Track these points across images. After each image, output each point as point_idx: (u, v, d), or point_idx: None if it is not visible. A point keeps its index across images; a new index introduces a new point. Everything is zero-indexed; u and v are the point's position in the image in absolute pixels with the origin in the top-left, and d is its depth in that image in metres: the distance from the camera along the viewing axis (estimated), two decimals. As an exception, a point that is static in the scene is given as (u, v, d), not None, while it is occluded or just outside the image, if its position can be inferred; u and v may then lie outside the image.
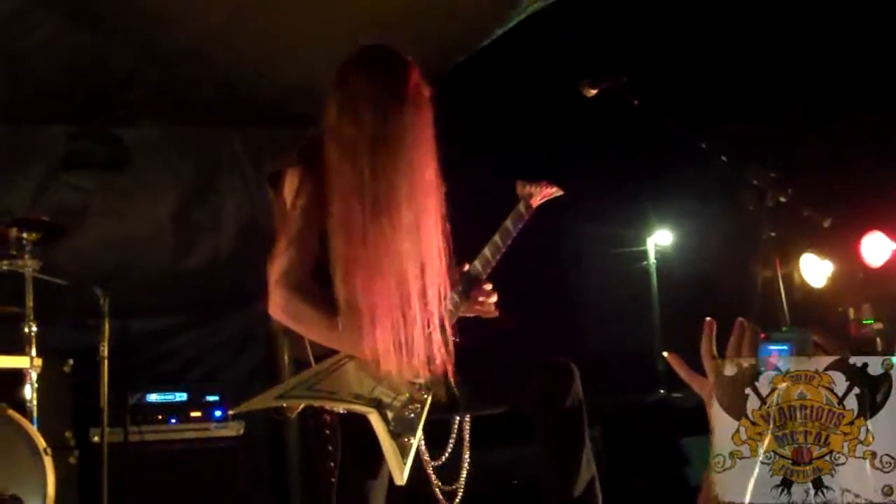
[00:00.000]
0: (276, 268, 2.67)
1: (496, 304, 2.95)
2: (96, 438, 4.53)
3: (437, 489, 2.92)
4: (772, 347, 1.41)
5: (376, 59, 2.77)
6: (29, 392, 4.14)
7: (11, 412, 4.00)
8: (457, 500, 2.95)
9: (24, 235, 4.20)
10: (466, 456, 2.96)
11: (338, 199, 2.65)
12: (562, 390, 2.82)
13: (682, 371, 1.52)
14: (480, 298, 2.90)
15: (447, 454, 2.94)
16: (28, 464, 3.92)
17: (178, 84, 4.93)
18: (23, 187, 5.29)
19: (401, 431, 2.62)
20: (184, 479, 4.78)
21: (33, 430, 4.01)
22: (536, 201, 3.08)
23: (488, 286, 2.94)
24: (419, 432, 2.67)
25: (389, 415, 2.62)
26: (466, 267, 2.92)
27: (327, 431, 2.73)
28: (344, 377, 2.64)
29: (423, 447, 2.85)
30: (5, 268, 4.18)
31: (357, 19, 4.24)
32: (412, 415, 2.67)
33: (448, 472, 2.93)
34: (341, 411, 2.70)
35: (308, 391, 2.61)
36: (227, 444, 4.94)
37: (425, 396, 2.71)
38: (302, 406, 2.69)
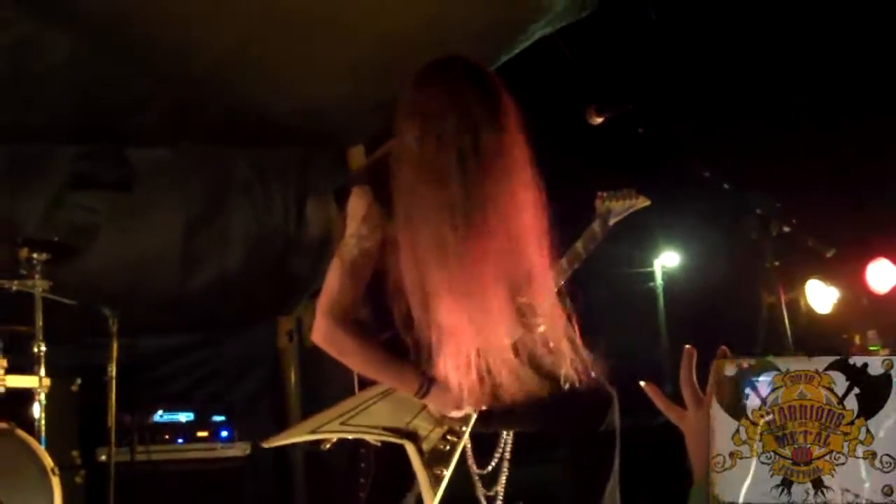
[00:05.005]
0: (325, 294, 2.58)
1: None
2: (103, 458, 4.55)
3: (481, 496, 2.91)
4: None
5: (458, 73, 2.52)
6: (37, 411, 4.16)
7: (20, 432, 4.01)
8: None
9: (35, 256, 4.23)
10: (505, 467, 2.94)
11: (421, 223, 2.45)
12: (597, 416, 2.77)
13: (659, 401, 1.49)
14: None
15: (492, 465, 2.94)
16: (35, 483, 3.93)
17: (187, 106, 4.95)
18: (33, 207, 5.30)
19: (434, 463, 2.61)
20: (190, 498, 4.80)
21: (41, 449, 4.02)
22: (615, 218, 2.97)
23: None
24: (452, 465, 2.64)
25: (425, 447, 2.61)
26: None
27: (362, 449, 2.71)
28: (379, 411, 2.62)
29: (470, 452, 2.83)
30: (15, 288, 4.20)
31: (361, 46, 4.28)
32: (448, 447, 2.65)
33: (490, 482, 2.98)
34: (375, 443, 2.68)
35: (341, 426, 2.60)
36: (233, 465, 4.96)
37: (463, 429, 2.68)
38: (336, 438, 2.67)
